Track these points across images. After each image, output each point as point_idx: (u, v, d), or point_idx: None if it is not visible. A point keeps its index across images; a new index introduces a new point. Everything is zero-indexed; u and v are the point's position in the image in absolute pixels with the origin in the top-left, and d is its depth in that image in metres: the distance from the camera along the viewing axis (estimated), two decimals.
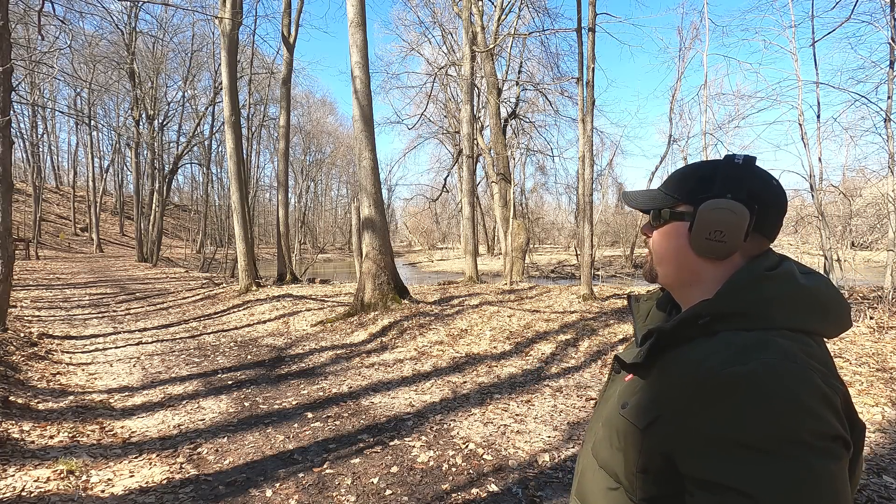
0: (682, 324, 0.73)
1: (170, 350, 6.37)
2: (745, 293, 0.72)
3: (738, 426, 0.62)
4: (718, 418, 0.64)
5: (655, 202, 0.83)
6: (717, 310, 0.72)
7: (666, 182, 0.85)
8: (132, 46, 21.27)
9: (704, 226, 0.76)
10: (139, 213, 23.24)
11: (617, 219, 27.99)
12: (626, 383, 0.81)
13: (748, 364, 0.64)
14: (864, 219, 9.44)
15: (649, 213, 0.85)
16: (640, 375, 0.77)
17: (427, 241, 42.30)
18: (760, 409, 0.62)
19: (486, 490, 2.78)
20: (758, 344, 0.66)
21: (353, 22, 8.08)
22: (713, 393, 0.65)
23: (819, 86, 7.59)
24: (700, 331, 0.72)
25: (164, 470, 3.02)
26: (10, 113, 5.95)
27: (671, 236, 0.81)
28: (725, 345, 0.68)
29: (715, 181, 0.77)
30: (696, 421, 0.65)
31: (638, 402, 0.74)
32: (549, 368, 5.13)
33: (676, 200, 0.81)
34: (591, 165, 8.70)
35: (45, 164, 37.66)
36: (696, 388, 0.67)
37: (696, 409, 0.66)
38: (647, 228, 0.87)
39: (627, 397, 0.77)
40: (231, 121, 11.48)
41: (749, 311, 0.70)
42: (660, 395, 0.72)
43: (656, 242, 0.84)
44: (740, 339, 0.68)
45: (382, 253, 8.15)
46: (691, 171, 0.82)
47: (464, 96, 13.03)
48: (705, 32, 11.74)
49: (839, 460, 0.62)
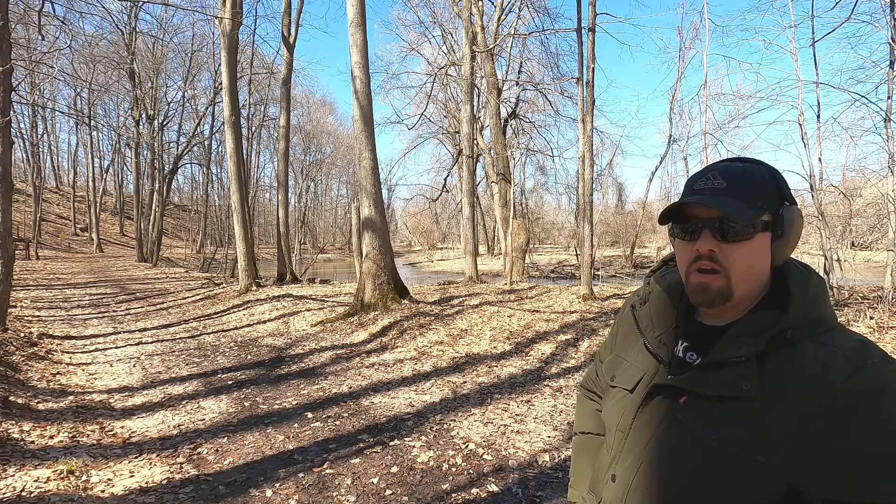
0: (772, 341, 0.69)
1: (170, 350, 6.37)
2: (817, 301, 0.72)
3: (881, 436, 0.61)
4: (856, 432, 0.62)
5: (750, 213, 0.72)
6: (798, 320, 0.69)
7: (732, 188, 0.73)
8: (132, 46, 21.26)
9: (796, 234, 0.75)
10: (139, 213, 23.24)
11: (617, 219, 28.03)
12: (699, 409, 0.71)
13: (864, 371, 0.63)
14: (864, 219, 9.43)
15: (718, 224, 0.73)
16: (724, 401, 0.70)
17: (427, 241, 42.30)
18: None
19: (486, 490, 2.78)
20: (856, 348, 0.66)
21: (353, 22, 8.08)
22: (843, 407, 0.62)
23: (819, 86, 7.59)
24: (782, 344, 0.69)
25: (164, 470, 3.02)
26: (10, 113, 5.95)
27: (761, 249, 0.73)
28: (825, 355, 0.66)
29: (778, 187, 0.76)
30: (831, 440, 0.62)
31: (738, 430, 0.67)
32: (549, 368, 5.13)
33: (762, 210, 0.73)
34: (591, 165, 8.71)
35: (45, 164, 37.67)
36: (820, 407, 0.63)
37: (826, 428, 0.63)
38: (710, 243, 0.73)
39: (713, 425, 0.69)
40: (231, 121, 11.48)
41: (820, 316, 0.71)
42: (770, 420, 0.65)
43: (739, 260, 0.73)
44: (834, 345, 0.67)
45: (382, 253, 8.15)
46: (758, 178, 0.75)
47: (464, 96, 13.03)
48: (705, 32, 11.74)
49: None
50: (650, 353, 0.82)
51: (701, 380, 0.72)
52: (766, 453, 0.64)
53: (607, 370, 0.92)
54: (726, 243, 0.73)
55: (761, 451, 0.65)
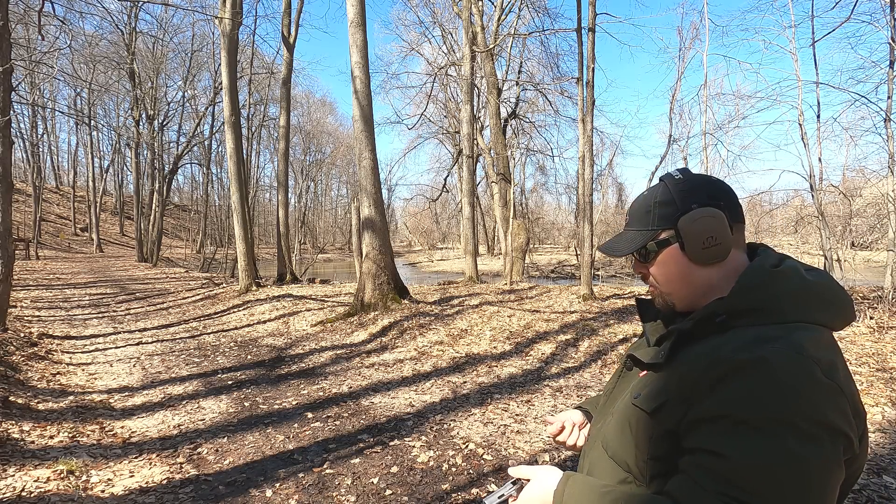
0: (700, 322, 0.77)
1: (170, 350, 6.37)
2: (757, 291, 0.75)
3: (737, 405, 0.66)
4: (721, 398, 0.68)
5: (637, 241, 0.85)
6: (731, 307, 0.75)
7: (631, 221, 0.89)
8: (132, 46, 21.26)
9: (696, 237, 0.79)
10: (139, 213, 23.24)
11: (617, 219, 27.97)
12: (640, 378, 0.84)
13: (756, 352, 0.68)
14: (864, 219, 9.44)
15: (635, 254, 0.87)
16: (655, 370, 0.81)
17: (427, 241, 42.30)
18: (760, 390, 0.65)
19: (486, 490, 2.78)
20: (768, 336, 0.70)
21: (353, 22, 8.08)
22: (720, 376, 0.68)
23: (819, 86, 7.59)
24: (716, 328, 0.76)
25: (164, 470, 3.02)
26: (10, 113, 5.95)
27: (669, 262, 0.84)
28: (737, 337, 0.72)
29: (675, 200, 0.82)
30: (702, 401, 0.69)
31: (649, 390, 0.78)
32: (549, 368, 5.13)
33: (654, 231, 0.84)
34: (591, 165, 8.70)
35: (45, 164, 37.67)
36: (703, 373, 0.70)
37: (702, 391, 0.70)
38: (639, 267, 0.89)
39: (640, 389, 0.81)
40: (231, 121, 11.48)
41: (761, 307, 0.74)
42: (669, 382, 0.75)
43: (659, 275, 0.86)
44: (752, 332, 0.72)
45: (382, 253, 8.15)
46: (647, 201, 0.86)
47: (464, 96, 13.03)
48: (705, 32, 11.76)
49: (829, 453, 0.64)
50: (646, 338, 0.94)
51: (647, 352, 0.86)
52: (653, 406, 0.75)
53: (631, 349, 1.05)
54: (645, 264, 0.87)
55: (651, 404, 0.76)
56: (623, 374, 0.93)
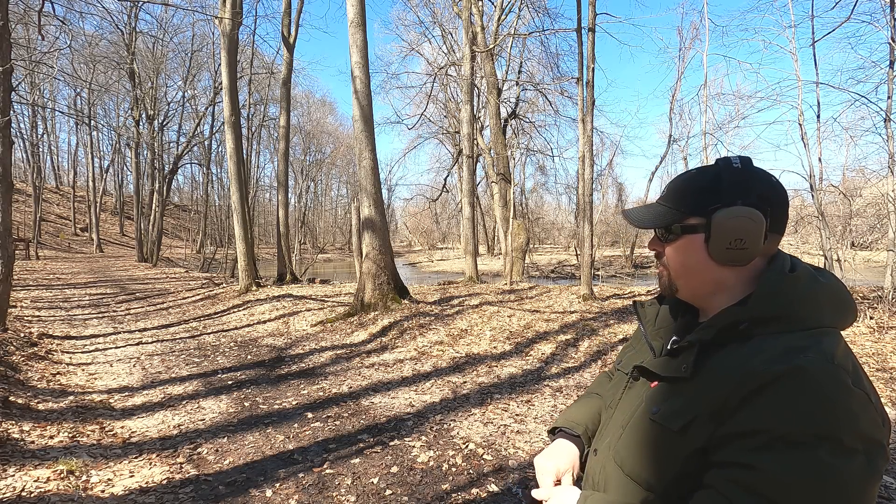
0: (723, 331, 0.74)
1: (170, 350, 6.36)
2: (779, 297, 0.72)
3: (775, 418, 0.64)
4: (757, 411, 0.65)
5: (663, 219, 0.82)
6: (753, 315, 0.72)
7: (667, 195, 0.83)
8: (132, 46, 21.25)
9: (724, 236, 0.75)
10: (139, 213, 23.24)
11: (617, 219, 27.95)
12: (653, 390, 0.80)
13: (791, 362, 0.65)
14: (864, 219, 9.43)
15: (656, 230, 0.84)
16: (673, 383, 0.77)
17: (427, 241, 42.30)
18: (799, 403, 0.63)
19: (486, 490, 2.78)
20: (799, 346, 0.68)
21: (353, 22, 8.08)
22: (755, 389, 0.66)
23: (819, 86, 7.59)
24: (736, 336, 0.73)
25: (164, 470, 3.02)
26: (10, 113, 5.95)
27: (688, 250, 0.80)
28: (766, 347, 0.69)
29: (721, 189, 0.77)
30: (734, 415, 0.66)
31: (672, 407, 0.74)
32: (549, 368, 5.13)
33: (684, 214, 0.80)
34: (591, 165, 8.70)
35: (45, 164, 37.67)
36: (735, 387, 0.67)
37: (734, 405, 0.67)
38: (655, 244, 0.85)
39: (657, 403, 0.76)
40: (231, 121, 11.48)
41: (784, 314, 0.72)
42: (696, 398, 0.71)
43: (672, 258, 0.82)
44: (781, 342, 0.69)
45: (382, 253, 8.15)
46: (692, 182, 0.81)
47: (464, 96, 13.04)
48: (705, 32, 11.73)
49: (867, 465, 0.62)
50: (647, 343, 0.90)
51: (662, 364, 0.80)
52: (680, 425, 0.71)
53: (620, 356, 1.02)
54: (663, 243, 0.83)
55: (677, 422, 0.72)
56: (629, 384, 0.88)
